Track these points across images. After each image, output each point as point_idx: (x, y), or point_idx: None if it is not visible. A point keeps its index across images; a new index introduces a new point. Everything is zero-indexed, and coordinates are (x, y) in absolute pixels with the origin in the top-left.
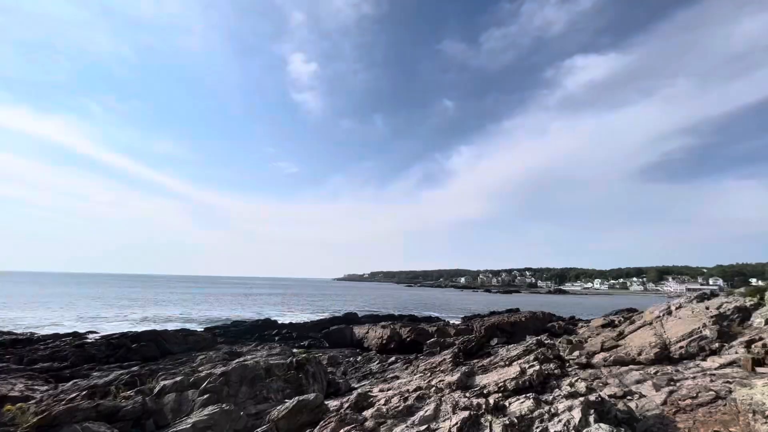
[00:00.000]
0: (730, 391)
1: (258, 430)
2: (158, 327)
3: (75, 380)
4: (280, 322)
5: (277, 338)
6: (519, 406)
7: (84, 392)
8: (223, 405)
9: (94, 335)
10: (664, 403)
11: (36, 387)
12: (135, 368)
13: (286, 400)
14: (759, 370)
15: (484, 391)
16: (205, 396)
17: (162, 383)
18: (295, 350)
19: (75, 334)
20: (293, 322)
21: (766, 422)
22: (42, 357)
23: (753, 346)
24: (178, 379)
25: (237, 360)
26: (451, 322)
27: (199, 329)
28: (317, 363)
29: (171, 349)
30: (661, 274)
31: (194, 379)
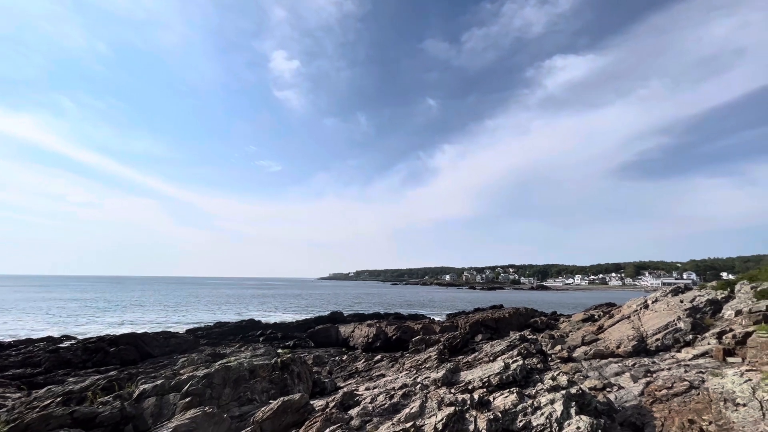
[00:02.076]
0: (703, 381)
1: (242, 431)
2: (138, 330)
3: (49, 387)
4: (264, 322)
5: (261, 339)
6: (503, 400)
7: (59, 399)
8: (206, 408)
9: (70, 340)
10: (642, 393)
11: (7, 395)
12: (113, 373)
13: (271, 401)
14: (729, 359)
15: (469, 387)
16: (187, 399)
17: (141, 387)
18: (279, 350)
19: (49, 339)
20: (278, 322)
21: (736, 409)
22: (14, 363)
23: (724, 337)
24: (158, 382)
25: (220, 362)
26: (437, 319)
27: (180, 331)
28: (302, 363)
29: (151, 352)
30: (638, 269)
31: (175, 382)
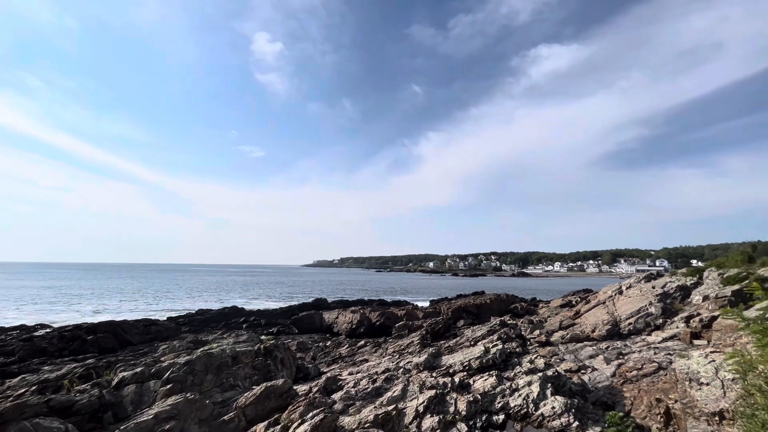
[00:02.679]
0: (671, 362)
1: (224, 417)
2: (117, 318)
3: (23, 375)
4: (247, 309)
5: (244, 326)
6: (482, 383)
7: (33, 387)
8: (188, 394)
9: (45, 328)
10: (614, 375)
11: None
12: (90, 361)
13: (254, 387)
14: (696, 342)
15: (450, 371)
16: (168, 386)
17: (120, 375)
18: (263, 337)
19: (22, 328)
20: (261, 309)
21: (700, 388)
22: None
23: (691, 321)
24: (138, 370)
25: (202, 348)
26: (420, 305)
27: (161, 319)
28: (285, 349)
29: (131, 340)
30: (614, 256)
31: (156, 369)
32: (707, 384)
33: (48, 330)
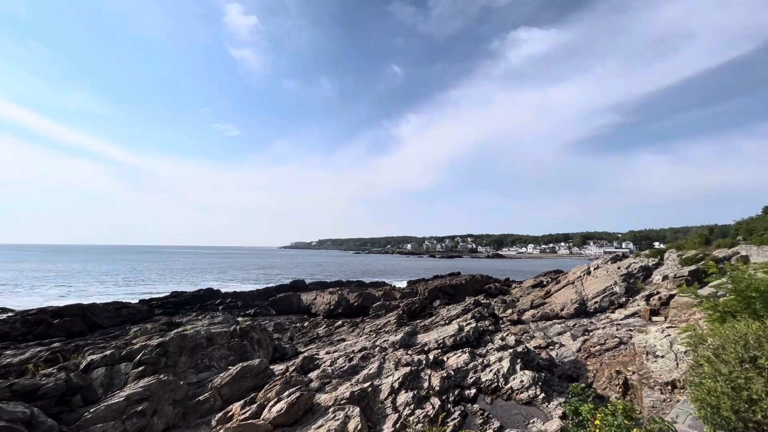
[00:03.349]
0: (631, 337)
1: (200, 397)
2: (85, 301)
3: None
4: (223, 291)
5: (220, 308)
6: (456, 360)
7: None
8: (161, 375)
9: (6, 312)
10: (579, 350)
11: None
12: (57, 345)
13: (230, 367)
14: (654, 318)
15: (425, 349)
16: (140, 368)
17: (89, 358)
18: (239, 318)
19: None
20: (238, 291)
21: (655, 360)
22: None
23: (651, 299)
24: (108, 352)
25: (176, 330)
26: (397, 286)
27: (133, 302)
28: (262, 329)
29: (101, 323)
30: (584, 238)
31: (127, 351)
32: (662, 356)
33: (10, 314)
